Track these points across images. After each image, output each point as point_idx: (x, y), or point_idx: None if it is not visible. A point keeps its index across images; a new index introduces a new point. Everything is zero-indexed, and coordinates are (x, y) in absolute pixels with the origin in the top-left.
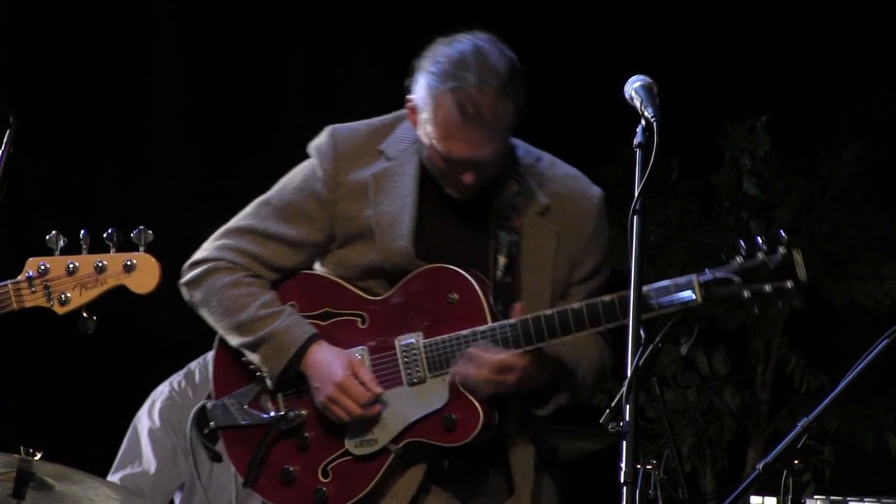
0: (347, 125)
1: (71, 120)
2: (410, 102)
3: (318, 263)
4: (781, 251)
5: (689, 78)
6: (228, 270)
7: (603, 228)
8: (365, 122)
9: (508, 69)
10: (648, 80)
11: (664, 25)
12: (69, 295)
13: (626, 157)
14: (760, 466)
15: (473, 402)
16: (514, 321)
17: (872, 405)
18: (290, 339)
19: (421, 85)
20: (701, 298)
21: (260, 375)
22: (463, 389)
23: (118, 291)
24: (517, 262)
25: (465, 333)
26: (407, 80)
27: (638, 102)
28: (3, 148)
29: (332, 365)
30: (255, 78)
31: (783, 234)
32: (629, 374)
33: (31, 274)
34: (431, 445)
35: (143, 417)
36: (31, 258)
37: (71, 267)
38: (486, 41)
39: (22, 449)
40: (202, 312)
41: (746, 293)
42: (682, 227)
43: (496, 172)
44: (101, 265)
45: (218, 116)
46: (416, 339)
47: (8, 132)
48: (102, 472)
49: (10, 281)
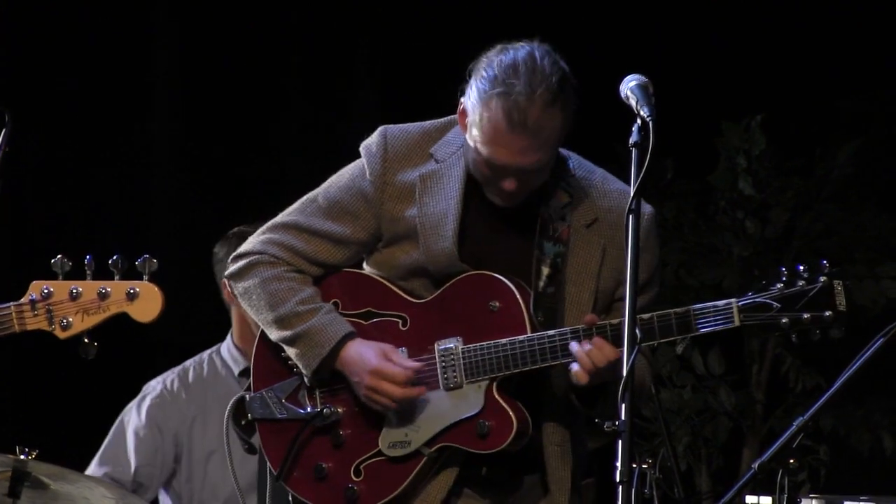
0: (399, 126)
1: (71, 128)
2: (461, 106)
3: (365, 263)
4: (822, 280)
5: (684, 77)
6: (271, 265)
7: (651, 246)
8: (417, 124)
9: (559, 79)
10: (644, 79)
11: (660, 25)
12: (71, 320)
13: (621, 156)
14: (756, 466)
15: (507, 410)
16: (552, 333)
17: (867, 405)
18: (325, 337)
19: (472, 88)
20: (739, 322)
21: (297, 371)
22: (579, 370)
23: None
24: (561, 273)
25: (503, 342)
26: (398, 83)
27: (634, 102)
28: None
29: (364, 355)
30: (252, 81)
31: (825, 263)
32: (625, 373)
33: (34, 297)
34: (465, 451)
35: (131, 413)
36: (34, 281)
37: (74, 292)
38: (540, 50)
39: (17, 448)
40: (244, 305)
41: (784, 320)
42: (677, 226)
43: (541, 182)
44: (104, 292)
45: (216, 119)
46: (454, 344)
47: (3, 131)
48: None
49: (12, 303)
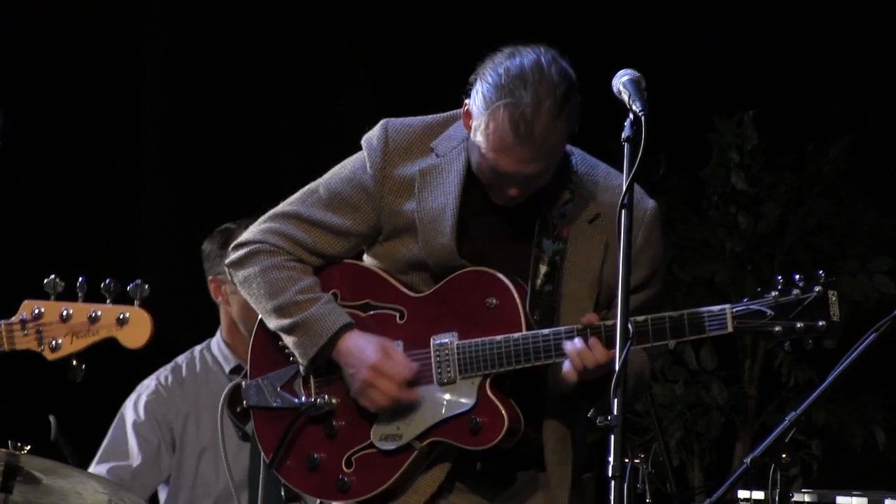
0: (401, 119)
1: (63, 135)
2: (466, 106)
3: (365, 255)
4: (817, 290)
5: (677, 72)
6: (271, 254)
7: (654, 241)
8: (419, 118)
9: (566, 90)
10: (636, 74)
11: (653, 20)
12: (60, 342)
13: (614, 151)
14: (748, 460)
15: (499, 407)
16: (547, 332)
17: (860, 399)
18: (323, 326)
19: (478, 92)
20: (732, 328)
21: (294, 360)
22: (570, 370)
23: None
24: (560, 270)
25: (498, 339)
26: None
27: (626, 97)
28: None
29: (364, 349)
30: (244, 80)
31: (822, 273)
32: (617, 368)
33: (24, 316)
34: (456, 447)
35: (128, 410)
36: (26, 300)
37: (65, 314)
38: (548, 57)
39: (10, 443)
40: (244, 293)
41: (778, 328)
42: (669, 221)
43: (545, 184)
44: (94, 315)
45: (209, 118)
46: (450, 339)
47: None
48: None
49: (3, 321)
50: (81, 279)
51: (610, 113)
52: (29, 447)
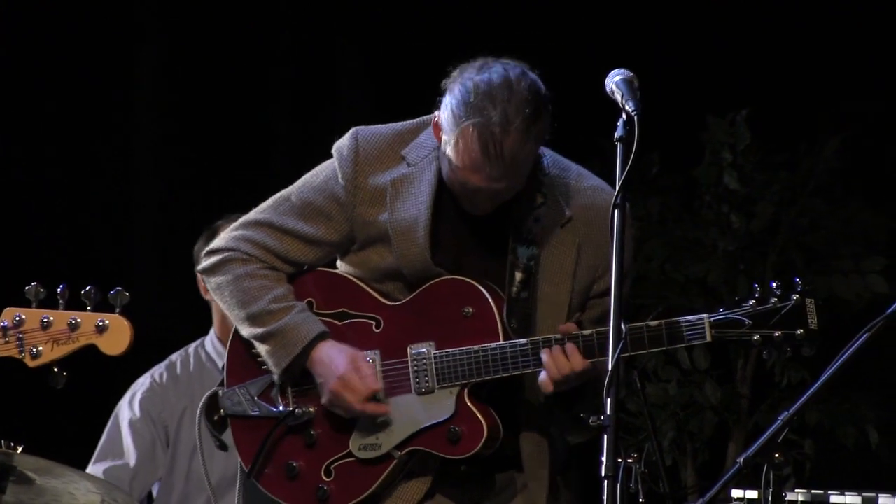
0: (372, 128)
1: (51, 138)
2: (436, 118)
3: (339, 262)
4: (794, 298)
5: (669, 72)
6: (243, 262)
7: (624, 243)
8: (389, 125)
9: (535, 107)
10: (629, 73)
11: (645, 19)
12: (41, 349)
13: (607, 150)
14: (741, 460)
15: (478, 416)
16: (524, 341)
17: (853, 399)
18: (297, 335)
19: (447, 107)
20: (711, 338)
21: (267, 368)
22: (546, 380)
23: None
24: (535, 276)
25: (475, 349)
26: (389, 84)
27: (619, 96)
28: None
29: (334, 360)
30: (237, 77)
31: (798, 280)
32: (610, 368)
33: (5, 324)
34: (436, 455)
35: (123, 408)
36: (7, 308)
37: (45, 321)
38: (517, 71)
39: (2, 443)
40: (217, 300)
41: (755, 337)
42: (662, 220)
43: (515, 193)
44: (74, 322)
45: (200, 116)
46: (427, 348)
47: None
48: (83, 465)
49: None
50: (62, 286)
51: (603, 112)
52: (22, 447)
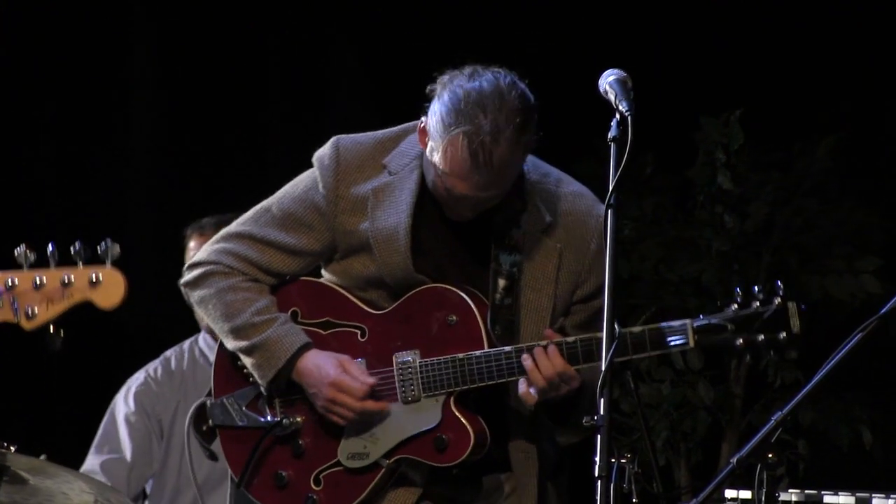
0: (352, 137)
1: (47, 121)
2: (422, 124)
3: (323, 270)
4: (777, 302)
5: (663, 72)
6: (225, 275)
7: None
8: (370, 134)
9: (524, 117)
10: (623, 74)
11: (639, 20)
12: (36, 310)
13: (600, 151)
14: (735, 460)
15: (465, 424)
16: (509, 349)
17: (846, 399)
18: (281, 348)
19: (435, 113)
20: (693, 343)
21: (255, 379)
22: (525, 391)
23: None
24: (518, 282)
25: (460, 357)
26: (385, 78)
27: (612, 96)
28: None
29: (322, 367)
30: (232, 78)
31: (780, 284)
32: (603, 368)
33: None
34: (424, 464)
35: (119, 403)
36: None
37: (38, 282)
38: (507, 80)
39: None
40: (201, 313)
41: (739, 342)
42: (656, 221)
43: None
44: (67, 280)
45: (194, 110)
46: (412, 357)
47: None
48: (76, 465)
49: None
50: (51, 246)
51: (596, 112)
52: (15, 447)
